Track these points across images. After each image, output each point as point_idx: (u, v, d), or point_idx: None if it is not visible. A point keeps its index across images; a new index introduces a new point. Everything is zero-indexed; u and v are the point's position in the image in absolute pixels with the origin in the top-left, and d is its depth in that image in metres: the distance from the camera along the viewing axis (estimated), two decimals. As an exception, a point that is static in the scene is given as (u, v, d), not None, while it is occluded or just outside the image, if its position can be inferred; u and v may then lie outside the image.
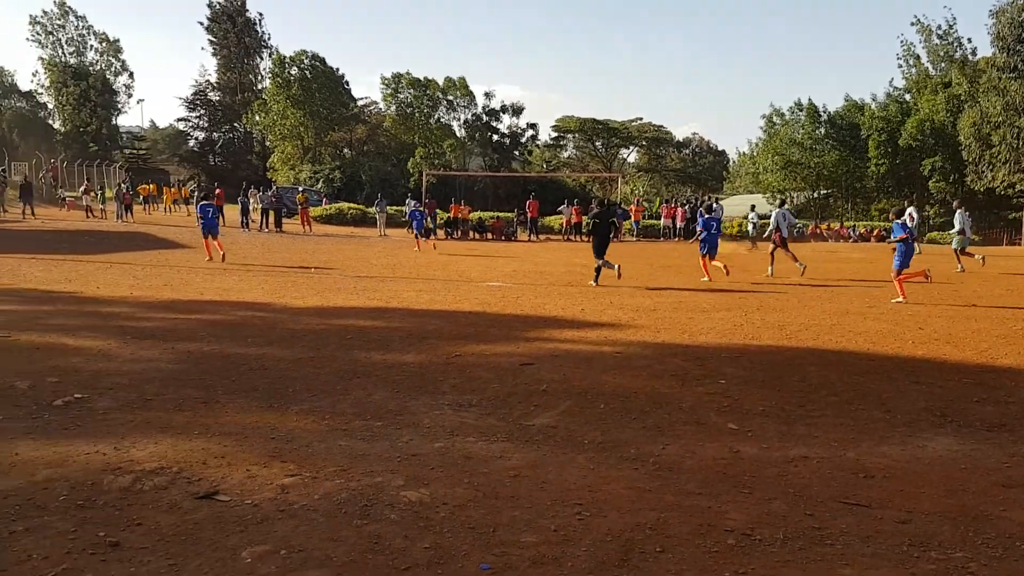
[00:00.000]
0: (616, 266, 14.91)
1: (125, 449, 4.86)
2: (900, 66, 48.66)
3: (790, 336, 9.76)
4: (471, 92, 53.36)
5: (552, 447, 5.24)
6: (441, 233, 32.24)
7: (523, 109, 55.35)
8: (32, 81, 65.09)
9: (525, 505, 4.19)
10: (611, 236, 15.53)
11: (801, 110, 48.59)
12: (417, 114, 52.48)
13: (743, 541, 3.81)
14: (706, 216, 16.76)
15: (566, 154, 63.11)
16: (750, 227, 29.70)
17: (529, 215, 33.10)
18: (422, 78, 52.62)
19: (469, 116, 53.85)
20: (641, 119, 61.22)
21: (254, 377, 6.93)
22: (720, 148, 71.04)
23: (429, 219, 31.91)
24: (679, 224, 34.77)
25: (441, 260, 19.62)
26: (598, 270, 15.00)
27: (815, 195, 48.66)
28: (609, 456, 5.08)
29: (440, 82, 52.52)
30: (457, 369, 7.44)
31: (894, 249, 13.42)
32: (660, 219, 36.98)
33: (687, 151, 66.53)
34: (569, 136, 60.80)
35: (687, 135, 74.87)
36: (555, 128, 60.35)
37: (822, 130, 47.63)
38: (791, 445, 5.42)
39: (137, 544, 3.58)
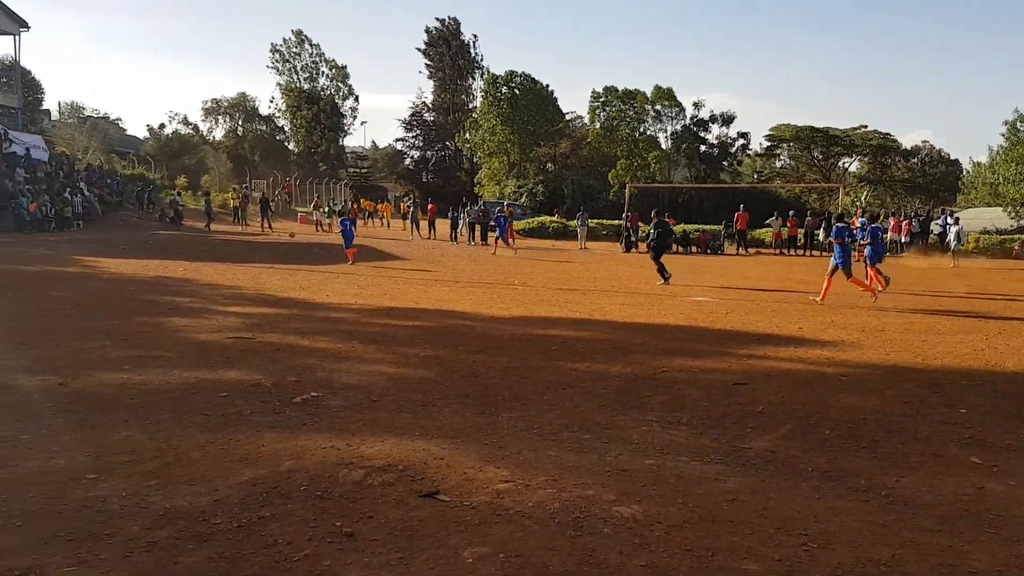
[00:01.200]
0: (667, 276, 17.24)
1: (356, 446, 5.20)
2: None
3: (1042, 364, 8.68)
4: (679, 103, 52.54)
5: (772, 472, 4.99)
6: (642, 246, 31.90)
7: (734, 118, 53.58)
8: (270, 106, 71.98)
9: (745, 531, 4.01)
10: (668, 245, 17.95)
11: (1051, 116, 43.10)
12: (622, 126, 52.46)
13: (992, 586, 3.42)
14: (872, 225, 16.76)
15: (779, 164, 60.30)
16: (953, 242, 26.62)
17: (737, 227, 31.89)
18: (631, 88, 52.57)
19: (678, 128, 52.99)
20: (865, 126, 57.30)
21: (465, 383, 7.19)
22: (953, 157, 64.85)
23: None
24: (903, 238, 31.93)
25: (644, 274, 19.39)
26: (660, 270, 17.35)
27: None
28: (836, 486, 4.76)
29: (648, 93, 52.16)
30: (665, 385, 7.30)
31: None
32: (886, 233, 33.97)
33: (915, 160, 61.23)
34: (783, 145, 58.01)
35: (916, 143, 69.06)
36: (768, 137, 57.85)
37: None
38: (1044, 483, 4.83)
39: (370, 536, 3.81)
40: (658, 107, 52.63)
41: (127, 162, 48.21)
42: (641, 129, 52.78)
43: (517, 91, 55.34)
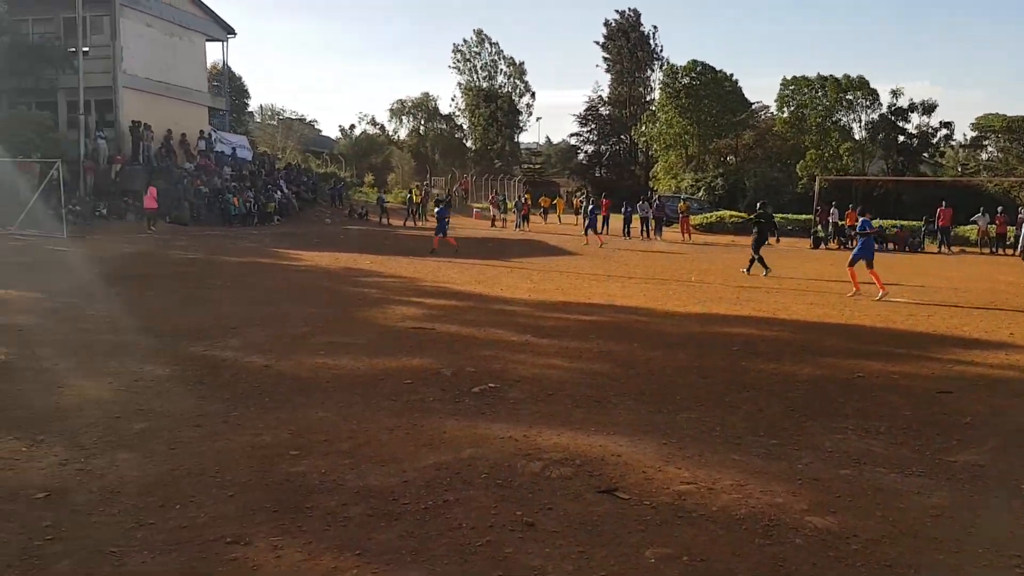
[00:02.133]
0: (767, 268, 17.06)
1: (533, 438, 5.26)
2: None
3: None
4: (874, 91, 49.15)
5: (980, 489, 4.57)
6: (833, 243, 30.16)
7: (935, 107, 49.40)
8: (451, 105, 74.33)
9: (950, 549, 3.71)
10: (768, 237, 17.86)
11: None
12: (811, 116, 49.81)
13: None
14: None
15: (986, 156, 54.88)
16: None
17: (940, 224, 29.31)
18: (824, 75, 49.79)
19: (875, 117, 49.57)
20: (1086, 116, 51.10)
21: (640, 381, 7.09)
22: None
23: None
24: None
25: (836, 272, 18.33)
26: (752, 261, 17.36)
27: None
28: (1057, 507, 4.28)
29: (839, 80, 49.18)
30: (860, 390, 6.86)
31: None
32: None
33: None
34: (992, 136, 52.76)
35: None
36: (975, 127, 52.96)
37: None
38: None
39: (549, 527, 3.84)
40: (849, 96, 49.49)
41: (321, 161, 51.62)
42: (833, 118, 49.82)
43: (697, 81, 53.86)
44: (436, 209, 23.81)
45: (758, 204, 19.85)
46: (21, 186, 23.82)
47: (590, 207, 28.79)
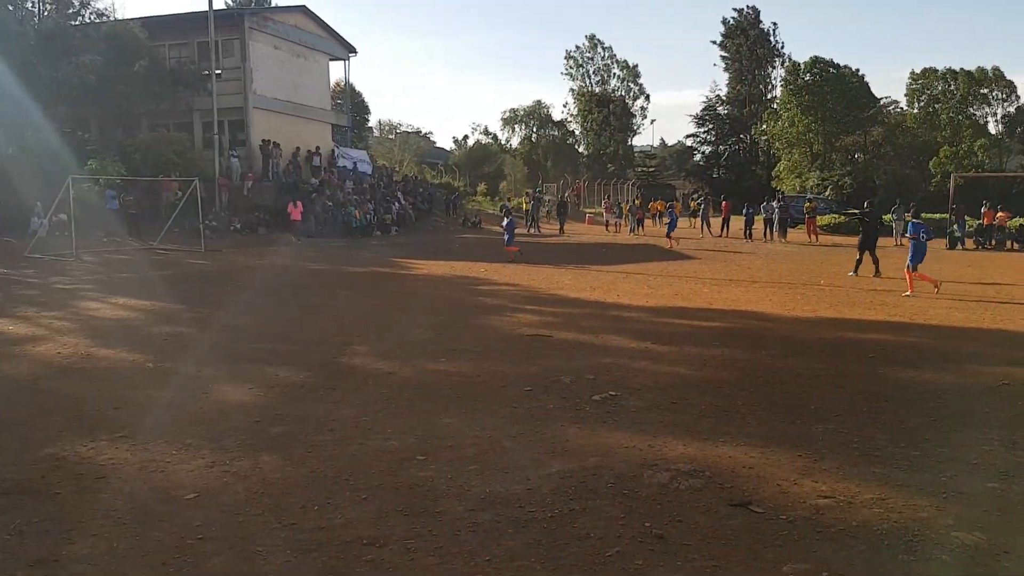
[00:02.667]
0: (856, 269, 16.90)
1: (658, 448, 5.17)
2: None
3: None
4: (1010, 83, 45.94)
5: None
6: (970, 243, 28.29)
7: (1084, 96, 45.84)
8: (563, 111, 74.37)
9: (1123, 575, 3.38)
10: (876, 236, 17.28)
11: None
12: (943, 111, 47.03)
13: None
14: None
15: None
16: None
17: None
18: (956, 68, 47.00)
19: (1012, 110, 46.29)
20: None
21: (771, 390, 6.85)
22: None
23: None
24: None
25: (974, 274, 17.23)
26: (875, 263, 16.80)
27: None
28: None
29: (972, 73, 46.24)
30: (1007, 400, 6.43)
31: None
32: None
33: None
34: None
35: None
36: None
37: None
38: None
39: (680, 540, 3.76)
40: (984, 90, 46.43)
41: (436, 172, 52.79)
42: (967, 112, 46.88)
43: (820, 76, 51.78)
44: (505, 221, 23.14)
45: (864, 203, 19.24)
46: (162, 203, 25.60)
47: (669, 210, 29.16)
